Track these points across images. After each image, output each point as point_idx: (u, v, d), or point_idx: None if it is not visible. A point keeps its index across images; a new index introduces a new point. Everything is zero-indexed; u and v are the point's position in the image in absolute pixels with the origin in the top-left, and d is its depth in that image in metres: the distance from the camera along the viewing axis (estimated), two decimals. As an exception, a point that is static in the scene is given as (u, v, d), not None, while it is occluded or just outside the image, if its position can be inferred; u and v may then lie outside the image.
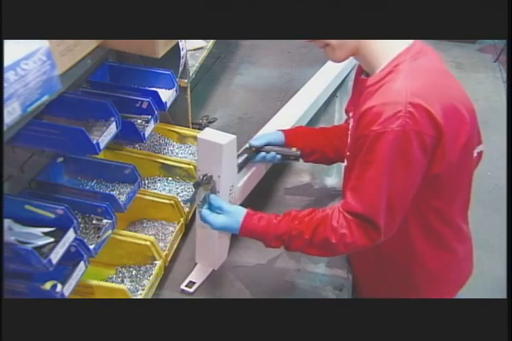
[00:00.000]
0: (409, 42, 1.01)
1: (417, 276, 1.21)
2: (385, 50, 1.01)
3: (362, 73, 1.12)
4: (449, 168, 1.01)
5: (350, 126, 1.15)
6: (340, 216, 1.03)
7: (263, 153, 1.33)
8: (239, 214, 1.11)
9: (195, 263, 1.34)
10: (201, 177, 1.13)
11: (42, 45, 0.76)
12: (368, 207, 0.99)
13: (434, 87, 0.96)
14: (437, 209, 1.09)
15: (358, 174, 1.00)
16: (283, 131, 1.38)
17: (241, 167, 1.31)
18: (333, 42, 1.02)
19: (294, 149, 1.34)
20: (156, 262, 1.26)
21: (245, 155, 1.31)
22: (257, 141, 1.32)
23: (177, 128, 1.63)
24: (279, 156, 1.34)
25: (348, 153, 1.15)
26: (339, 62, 1.09)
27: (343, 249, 1.05)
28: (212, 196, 1.15)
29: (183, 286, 1.27)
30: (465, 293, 1.29)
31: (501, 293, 2.07)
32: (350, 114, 1.18)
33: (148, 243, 1.23)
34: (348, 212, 1.02)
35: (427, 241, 1.14)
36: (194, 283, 1.28)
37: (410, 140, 0.92)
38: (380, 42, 1.01)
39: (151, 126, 1.27)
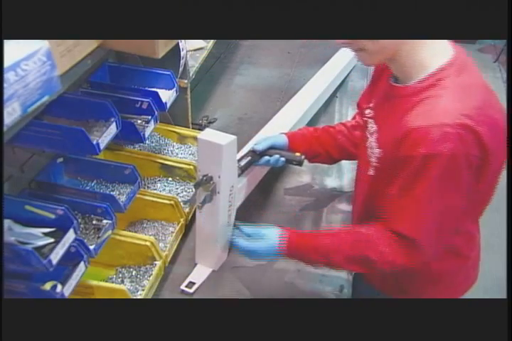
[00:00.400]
0: (450, 52, 0.97)
1: (423, 278, 1.20)
2: (428, 59, 0.96)
3: (389, 75, 1.06)
4: (485, 185, 1.01)
5: (368, 126, 1.11)
6: (382, 234, 1.02)
7: (267, 157, 1.33)
8: (276, 232, 1.10)
9: (195, 264, 1.34)
10: (201, 177, 1.13)
11: (42, 45, 0.76)
12: (414, 229, 0.98)
13: (481, 106, 0.94)
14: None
15: (403, 194, 0.98)
16: (286, 134, 1.37)
17: (243, 170, 1.31)
18: (370, 47, 0.96)
19: (297, 154, 1.33)
20: (156, 262, 1.26)
21: (248, 158, 1.31)
22: (260, 145, 1.31)
23: (177, 129, 1.63)
24: (282, 159, 1.33)
25: (376, 165, 1.08)
26: (371, 65, 1.06)
27: (382, 267, 1.04)
28: (242, 226, 1.15)
29: (183, 287, 1.27)
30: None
31: (501, 293, 2.07)
32: (367, 112, 1.14)
33: (148, 243, 1.23)
34: (391, 231, 1.01)
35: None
36: (194, 283, 1.28)
37: (460, 163, 0.90)
38: (422, 49, 0.96)
39: (151, 126, 1.27)
